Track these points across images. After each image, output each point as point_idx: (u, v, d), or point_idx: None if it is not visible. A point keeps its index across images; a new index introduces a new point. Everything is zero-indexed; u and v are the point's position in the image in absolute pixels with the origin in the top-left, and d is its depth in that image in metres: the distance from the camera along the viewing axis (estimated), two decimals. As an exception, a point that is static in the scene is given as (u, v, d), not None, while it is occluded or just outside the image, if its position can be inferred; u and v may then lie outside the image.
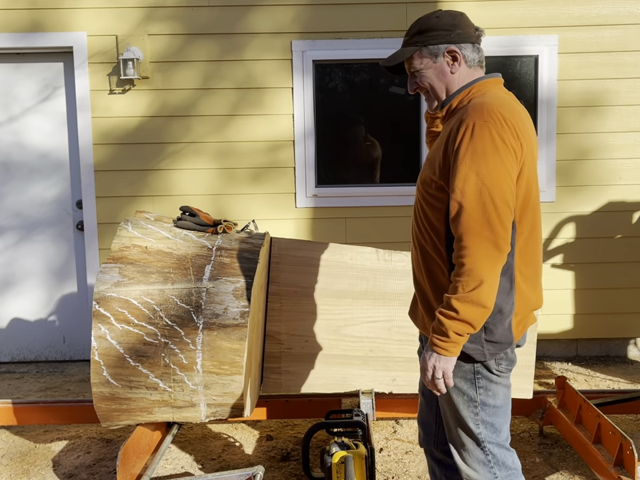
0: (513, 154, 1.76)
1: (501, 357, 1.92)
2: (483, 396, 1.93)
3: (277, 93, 4.66)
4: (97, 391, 2.61)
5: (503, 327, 1.86)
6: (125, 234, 2.80)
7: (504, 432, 1.99)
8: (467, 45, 1.92)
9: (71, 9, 4.59)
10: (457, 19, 1.93)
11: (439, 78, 1.94)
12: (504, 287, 1.84)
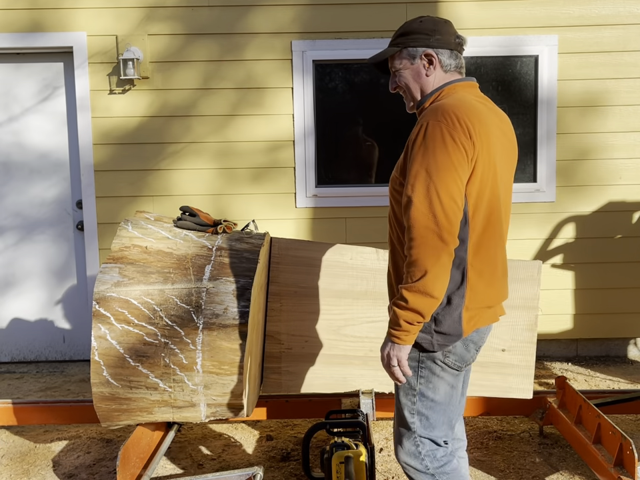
0: (462, 152, 1.82)
1: (449, 350, 1.96)
2: (422, 386, 1.99)
3: (277, 93, 4.66)
4: (97, 391, 2.61)
5: (452, 318, 1.91)
6: (125, 234, 2.80)
7: (440, 429, 2.02)
8: (444, 51, 2.02)
9: (71, 9, 4.59)
10: (438, 25, 2.02)
11: (414, 79, 2.04)
12: (455, 279, 1.91)
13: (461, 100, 1.93)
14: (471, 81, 2.07)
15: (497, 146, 1.94)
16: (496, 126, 1.96)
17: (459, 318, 1.92)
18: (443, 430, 2.03)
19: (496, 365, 3.11)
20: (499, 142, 1.96)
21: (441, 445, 2.04)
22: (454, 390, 2.02)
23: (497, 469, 3.13)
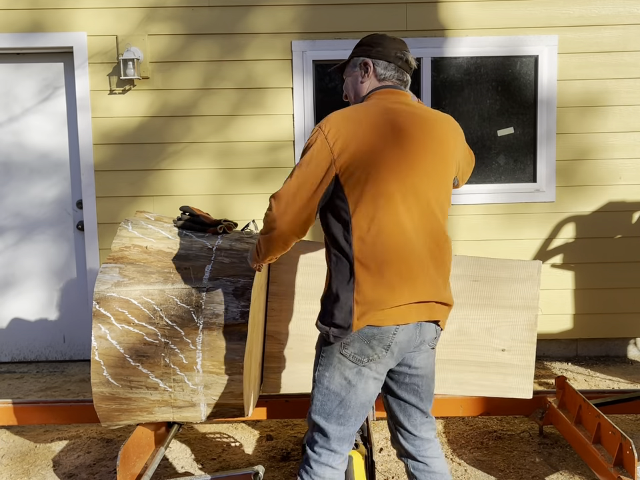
0: (321, 147, 1.99)
1: (347, 343, 2.03)
2: (319, 373, 2.11)
3: (277, 93, 4.66)
4: (97, 391, 2.61)
5: (344, 312, 2.01)
6: (125, 234, 2.80)
7: (332, 422, 2.09)
8: (381, 62, 2.16)
9: (71, 9, 4.59)
10: (385, 40, 2.18)
11: (353, 85, 2.22)
12: (343, 275, 2.02)
13: (354, 106, 2.09)
14: (394, 89, 2.15)
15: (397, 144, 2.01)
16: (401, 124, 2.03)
17: (349, 312, 2.00)
18: (338, 424, 2.09)
19: (496, 365, 3.11)
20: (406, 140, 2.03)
21: (327, 439, 2.10)
22: (350, 385, 2.06)
23: (497, 468, 3.13)
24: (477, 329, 3.06)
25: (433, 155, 2.06)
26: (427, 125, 2.07)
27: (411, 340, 2.07)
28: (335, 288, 2.04)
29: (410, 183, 2.01)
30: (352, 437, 2.15)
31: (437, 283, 2.08)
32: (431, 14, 4.62)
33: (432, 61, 4.67)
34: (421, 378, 2.18)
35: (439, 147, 2.08)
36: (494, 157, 4.77)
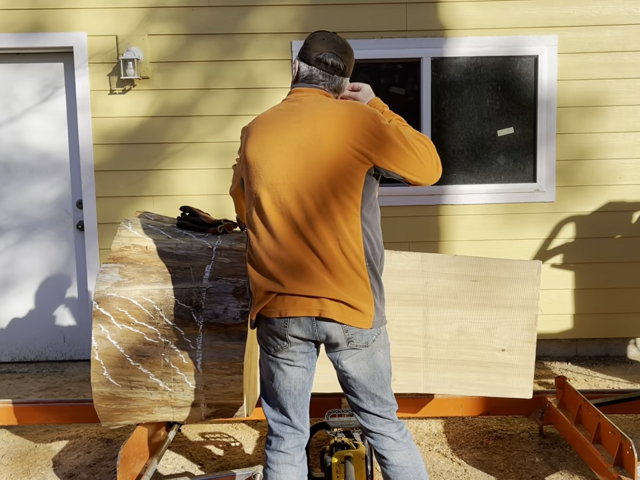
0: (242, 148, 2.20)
1: (260, 335, 2.19)
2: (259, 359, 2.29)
3: (278, 93, 4.66)
4: (97, 391, 2.61)
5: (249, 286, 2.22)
6: (125, 234, 2.80)
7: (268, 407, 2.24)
8: (302, 63, 2.24)
9: (71, 9, 4.59)
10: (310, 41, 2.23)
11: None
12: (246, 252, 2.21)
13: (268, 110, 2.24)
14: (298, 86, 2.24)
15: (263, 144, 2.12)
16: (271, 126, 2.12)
17: (250, 298, 2.21)
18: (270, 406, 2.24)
19: (496, 365, 3.11)
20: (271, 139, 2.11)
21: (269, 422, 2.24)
22: (270, 373, 2.20)
23: (497, 468, 3.13)
24: (476, 329, 3.06)
25: (299, 148, 2.06)
26: (291, 119, 2.10)
27: (309, 333, 2.10)
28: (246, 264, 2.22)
29: (271, 181, 2.09)
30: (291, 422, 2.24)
31: (323, 279, 2.04)
32: (430, 14, 4.62)
33: (432, 61, 4.67)
34: (353, 380, 2.14)
35: (308, 139, 2.05)
36: (494, 157, 4.78)
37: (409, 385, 3.22)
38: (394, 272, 3.19)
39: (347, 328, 2.07)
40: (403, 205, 4.70)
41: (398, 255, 3.21)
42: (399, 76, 4.75)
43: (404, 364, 3.20)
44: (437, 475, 3.09)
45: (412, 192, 4.69)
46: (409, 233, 4.73)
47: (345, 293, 2.04)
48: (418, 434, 3.53)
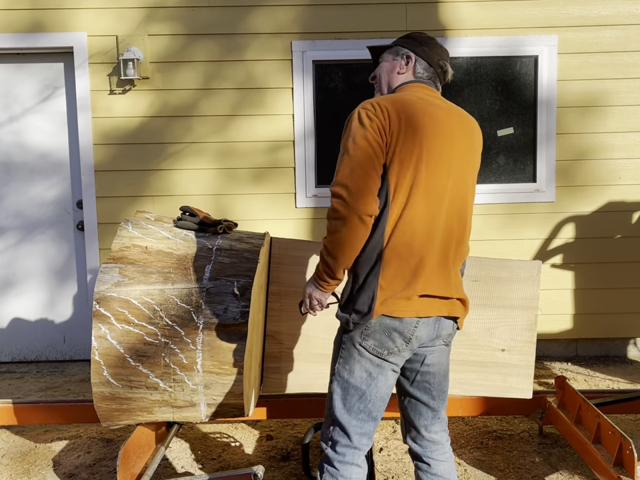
0: (376, 131, 1.97)
1: (367, 333, 2.03)
2: (340, 366, 2.09)
3: (278, 93, 4.66)
4: (97, 391, 2.61)
5: (366, 296, 2.01)
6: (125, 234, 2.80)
7: (355, 416, 2.06)
8: (423, 62, 2.18)
9: (71, 9, 4.60)
10: (431, 42, 2.20)
11: (387, 72, 2.23)
12: (371, 259, 2.01)
13: (393, 95, 2.10)
14: (421, 83, 2.18)
15: (436, 138, 2.02)
16: (440, 120, 2.04)
17: (371, 297, 2.01)
18: (358, 419, 2.07)
19: (496, 365, 3.11)
20: (443, 135, 2.04)
21: (349, 436, 2.07)
22: (371, 378, 2.06)
23: (497, 468, 3.13)
24: (476, 329, 3.06)
25: (465, 152, 2.09)
26: (461, 123, 2.10)
27: (429, 334, 2.08)
28: (359, 272, 2.03)
29: (443, 176, 2.02)
30: (372, 433, 2.12)
31: (457, 280, 2.11)
32: (431, 14, 4.62)
33: (432, 61, 4.67)
34: (432, 375, 2.17)
35: (470, 146, 2.11)
36: (494, 157, 4.78)
37: (408, 385, 3.22)
38: (394, 272, 3.19)
39: (455, 326, 2.16)
40: (402, 205, 4.70)
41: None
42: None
43: (404, 364, 3.20)
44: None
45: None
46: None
47: (462, 289, 2.15)
48: (418, 434, 3.53)
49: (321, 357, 3.17)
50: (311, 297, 2.15)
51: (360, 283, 2.03)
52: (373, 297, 2.00)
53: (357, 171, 1.95)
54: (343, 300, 2.09)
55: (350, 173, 1.95)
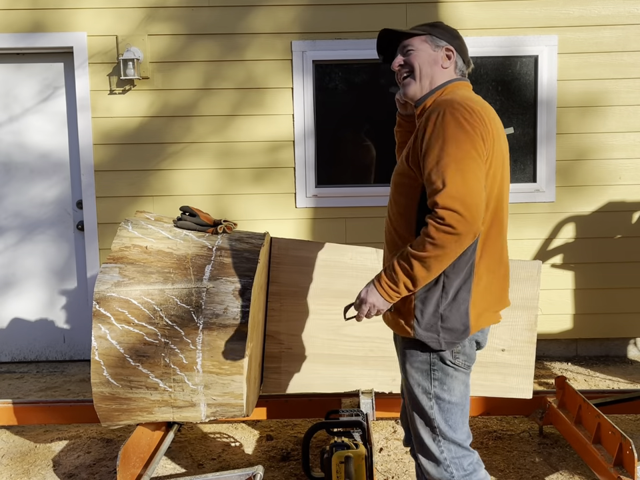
0: (481, 141, 1.86)
1: (458, 350, 1.96)
2: (437, 389, 1.97)
3: (278, 93, 4.66)
4: (97, 391, 2.61)
5: (458, 313, 1.93)
6: (125, 234, 2.80)
7: (461, 431, 2.00)
8: (460, 57, 2.09)
9: (71, 9, 4.59)
10: (460, 36, 2.11)
11: (429, 64, 2.04)
12: (463, 273, 1.92)
13: (470, 95, 1.98)
14: (467, 81, 2.10)
15: (502, 144, 1.98)
16: (501, 125, 2.00)
17: (465, 313, 1.92)
18: (464, 432, 2.01)
19: (496, 365, 3.11)
20: (503, 140, 2.00)
21: (466, 449, 2.00)
22: (467, 388, 2.02)
23: (497, 468, 3.13)
24: (476, 329, 3.06)
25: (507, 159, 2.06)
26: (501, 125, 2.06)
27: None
28: (449, 287, 1.92)
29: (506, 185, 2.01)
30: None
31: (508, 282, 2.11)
32: (430, 14, 4.62)
33: (432, 61, 4.67)
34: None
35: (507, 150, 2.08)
36: (494, 157, 4.77)
37: (408, 385, 3.22)
38: (394, 272, 3.19)
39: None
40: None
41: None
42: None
43: (404, 364, 3.20)
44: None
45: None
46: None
47: None
48: (418, 434, 3.53)
49: (320, 356, 3.17)
50: (374, 306, 1.95)
51: (450, 298, 1.92)
52: (467, 313, 1.92)
53: (470, 182, 1.81)
54: (423, 318, 1.94)
55: (463, 184, 1.79)
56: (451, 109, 1.87)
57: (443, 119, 1.86)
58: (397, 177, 2.07)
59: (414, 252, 1.85)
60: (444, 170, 1.82)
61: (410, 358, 2.00)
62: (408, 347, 2.00)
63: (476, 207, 1.80)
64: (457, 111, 1.86)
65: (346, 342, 3.16)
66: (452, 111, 1.86)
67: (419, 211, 1.95)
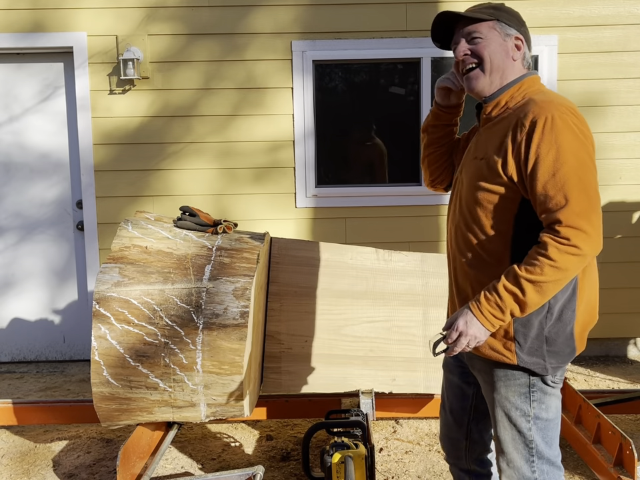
0: (592, 148, 1.75)
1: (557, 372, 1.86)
2: (536, 409, 1.86)
3: (278, 93, 4.66)
4: (97, 391, 2.61)
5: (564, 335, 1.80)
6: (125, 234, 2.80)
7: (555, 446, 1.91)
8: (527, 48, 1.90)
9: (71, 9, 4.59)
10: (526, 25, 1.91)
11: (501, 56, 1.84)
12: (568, 292, 1.78)
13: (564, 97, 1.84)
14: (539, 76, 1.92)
15: None
16: None
17: (571, 334, 1.80)
18: (557, 446, 1.92)
19: (496, 365, 3.11)
20: None
21: (557, 468, 1.92)
22: (559, 400, 1.91)
23: (497, 468, 3.13)
24: (476, 329, 3.06)
25: None
26: None
27: None
28: (554, 307, 1.77)
29: None
30: None
31: None
32: (431, 14, 4.62)
33: (432, 61, 4.67)
34: None
35: None
36: (494, 157, 4.77)
37: (408, 384, 3.22)
38: (394, 272, 3.19)
39: None
40: (403, 205, 4.70)
41: (398, 255, 3.21)
42: (399, 76, 4.75)
43: (404, 364, 3.20)
44: (437, 475, 3.09)
45: (412, 192, 4.69)
46: (409, 233, 4.73)
47: None
48: (418, 434, 3.53)
49: (320, 356, 3.17)
50: (475, 337, 1.76)
51: (554, 318, 1.78)
52: (572, 334, 1.80)
53: (594, 198, 1.67)
54: (527, 342, 1.79)
55: (587, 199, 1.66)
56: (559, 113, 1.72)
57: (553, 125, 1.70)
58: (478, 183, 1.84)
59: (528, 276, 1.68)
60: (564, 183, 1.67)
61: (506, 382, 1.86)
62: (503, 369, 1.86)
63: (600, 225, 1.67)
64: (567, 117, 1.73)
65: (346, 342, 3.16)
66: (562, 117, 1.72)
67: (515, 224, 1.79)
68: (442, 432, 2.21)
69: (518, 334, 1.79)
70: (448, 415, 2.15)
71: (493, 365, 1.87)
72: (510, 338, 1.80)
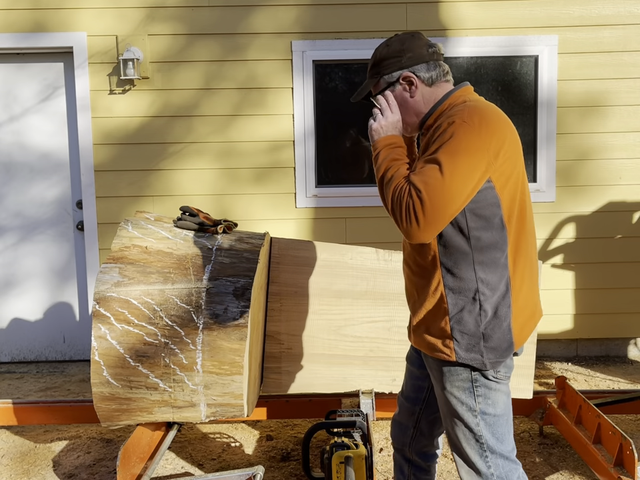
0: (485, 156, 1.75)
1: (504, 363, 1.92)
2: (482, 405, 1.91)
3: (278, 93, 4.66)
4: (97, 391, 2.61)
5: (501, 331, 1.86)
6: (125, 234, 2.80)
7: (507, 442, 1.95)
8: (420, 66, 1.93)
9: (71, 9, 4.59)
10: (405, 43, 1.95)
11: (401, 105, 1.95)
12: (499, 290, 1.86)
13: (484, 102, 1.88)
14: (467, 86, 1.97)
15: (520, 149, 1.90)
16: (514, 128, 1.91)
17: (508, 330, 1.87)
18: (510, 442, 1.96)
19: (496, 365, 3.11)
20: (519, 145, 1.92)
21: (513, 462, 1.95)
22: (509, 398, 1.95)
23: (497, 469, 3.13)
24: (477, 329, 3.06)
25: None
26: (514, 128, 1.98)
27: None
28: (486, 304, 1.85)
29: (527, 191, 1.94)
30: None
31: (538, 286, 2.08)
32: (431, 14, 4.62)
33: (432, 61, 4.67)
34: None
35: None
36: (494, 157, 4.77)
37: (409, 385, 3.22)
38: (394, 272, 3.19)
39: None
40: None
41: (398, 255, 3.21)
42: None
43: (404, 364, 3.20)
44: (437, 475, 3.09)
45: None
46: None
47: None
48: (418, 434, 3.53)
49: (320, 357, 3.17)
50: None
51: (490, 315, 1.85)
52: (510, 330, 1.87)
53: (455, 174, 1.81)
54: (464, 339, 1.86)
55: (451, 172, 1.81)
56: (459, 120, 1.79)
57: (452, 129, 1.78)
58: None
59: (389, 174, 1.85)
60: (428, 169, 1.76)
61: (450, 377, 1.92)
62: (446, 366, 1.92)
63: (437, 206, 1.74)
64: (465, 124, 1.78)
65: (346, 342, 3.16)
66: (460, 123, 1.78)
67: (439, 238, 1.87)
68: (394, 416, 2.29)
69: (454, 332, 1.88)
70: (403, 401, 2.24)
71: (438, 362, 1.94)
72: (448, 336, 1.89)
